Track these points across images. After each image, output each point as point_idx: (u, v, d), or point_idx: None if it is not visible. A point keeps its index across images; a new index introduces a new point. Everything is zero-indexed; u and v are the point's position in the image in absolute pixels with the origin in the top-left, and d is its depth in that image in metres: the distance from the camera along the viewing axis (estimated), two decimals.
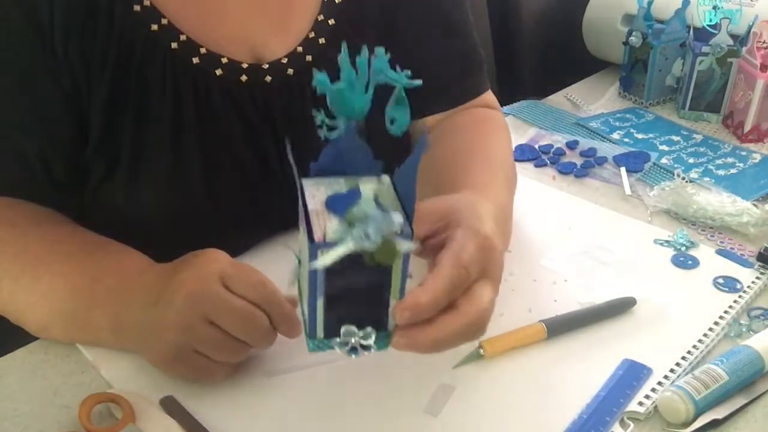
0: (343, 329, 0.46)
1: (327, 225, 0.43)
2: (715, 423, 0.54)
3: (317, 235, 0.43)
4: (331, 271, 0.44)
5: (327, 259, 0.43)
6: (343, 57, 0.44)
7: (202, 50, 0.65)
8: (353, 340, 0.47)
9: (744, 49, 1.01)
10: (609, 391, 0.57)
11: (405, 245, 0.43)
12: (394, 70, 0.45)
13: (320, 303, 0.45)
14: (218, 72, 0.66)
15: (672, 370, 0.59)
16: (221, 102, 0.66)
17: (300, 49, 0.70)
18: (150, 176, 0.65)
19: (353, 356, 0.47)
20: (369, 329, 0.47)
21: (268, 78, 0.68)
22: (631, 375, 0.58)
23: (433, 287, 0.46)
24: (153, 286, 0.55)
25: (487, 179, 0.65)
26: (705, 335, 0.63)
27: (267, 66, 0.68)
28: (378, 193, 0.45)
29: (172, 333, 0.53)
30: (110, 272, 0.59)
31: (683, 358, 0.60)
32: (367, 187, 0.46)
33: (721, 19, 1.01)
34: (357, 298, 0.46)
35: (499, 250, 0.52)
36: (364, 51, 0.44)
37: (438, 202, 0.56)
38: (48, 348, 0.62)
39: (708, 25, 1.02)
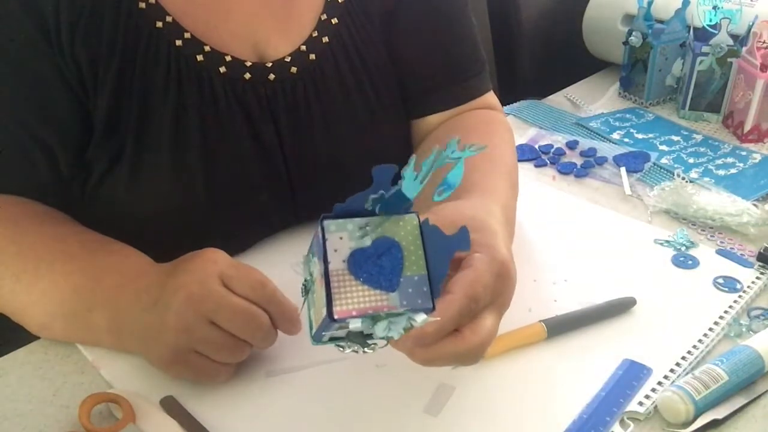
0: (348, 344, 0.46)
1: (349, 297, 0.42)
2: (715, 423, 0.54)
3: (337, 311, 0.41)
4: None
5: (340, 333, 0.44)
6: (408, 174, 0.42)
7: (206, 48, 0.65)
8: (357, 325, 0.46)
9: (744, 49, 1.01)
10: (609, 391, 0.57)
11: (421, 319, 0.43)
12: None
13: (328, 335, 0.46)
14: (222, 70, 0.66)
15: (672, 370, 0.59)
16: (224, 99, 0.66)
17: (303, 47, 0.70)
18: (151, 171, 0.65)
19: (356, 352, 0.47)
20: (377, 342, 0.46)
21: (272, 76, 0.68)
22: (631, 375, 0.58)
23: (440, 317, 0.46)
24: (152, 287, 0.55)
25: (496, 185, 0.65)
26: (705, 335, 0.63)
27: (270, 64, 0.68)
28: (402, 242, 0.44)
29: (172, 335, 0.53)
30: (110, 272, 0.59)
31: (683, 358, 0.60)
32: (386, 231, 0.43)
33: (721, 19, 1.01)
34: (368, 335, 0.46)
35: (514, 276, 0.52)
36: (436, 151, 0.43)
37: (457, 212, 0.54)
38: (48, 348, 0.62)
39: (708, 25, 1.02)
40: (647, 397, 0.57)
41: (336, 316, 0.41)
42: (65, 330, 0.60)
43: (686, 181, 0.89)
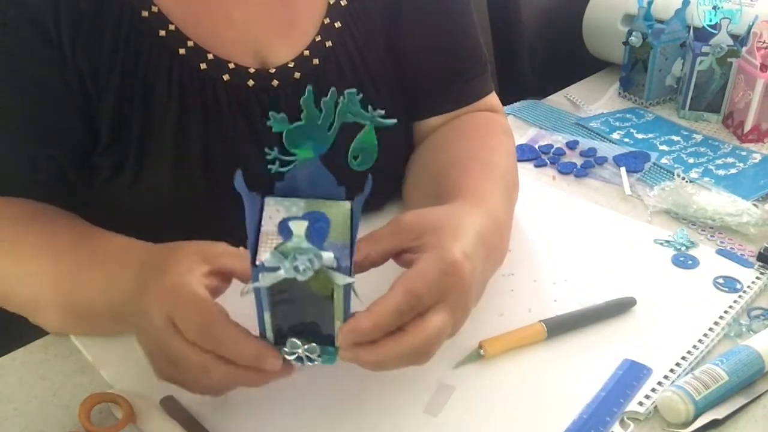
0: (288, 342, 0.48)
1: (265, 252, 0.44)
2: (715, 423, 0.54)
3: (259, 258, 0.44)
4: (273, 290, 0.45)
5: (265, 281, 0.44)
6: (306, 99, 0.45)
7: (209, 56, 0.65)
8: (300, 351, 0.48)
9: (744, 49, 1.01)
10: (609, 391, 0.57)
11: (341, 279, 0.44)
12: (366, 109, 0.46)
13: (267, 316, 0.47)
14: (225, 77, 0.66)
15: (672, 370, 0.59)
16: (228, 106, 0.66)
17: (307, 52, 0.69)
18: (154, 178, 0.65)
19: (300, 364, 0.49)
20: (314, 345, 0.48)
21: (275, 82, 0.68)
22: (631, 375, 0.58)
23: (377, 313, 0.47)
24: (131, 285, 0.53)
25: (485, 189, 0.65)
26: (705, 335, 0.63)
27: (274, 70, 0.68)
28: (333, 219, 0.46)
29: (149, 355, 0.51)
30: (96, 264, 0.58)
31: (683, 358, 0.61)
32: (299, 216, 0.46)
33: (721, 19, 1.01)
34: (300, 317, 0.47)
35: (468, 275, 0.51)
36: (332, 92, 0.45)
37: (418, 217, 0.55)
38: (48, 348, 0.62)
39: (708, 25, 1.02)
40: (647, 397, 0.57)
41: (257, 262, 0.44)
42: (79, 327, 0.61)
43: (686, 181, 0.89)
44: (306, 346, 0.48)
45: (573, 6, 1.27)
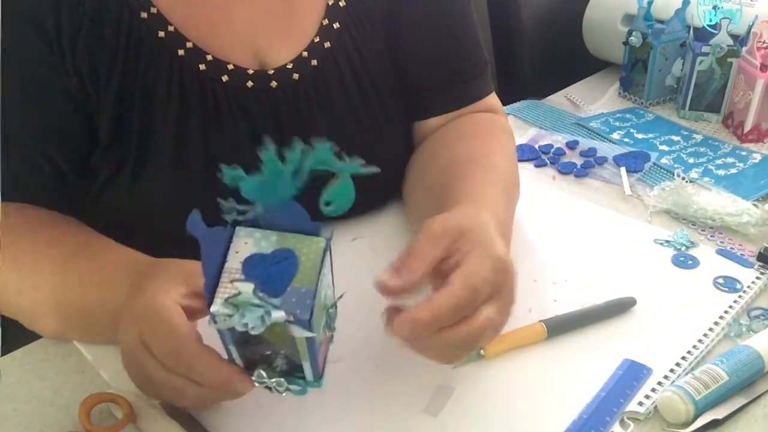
0: (256, 373, 0.48)
1: (223, 294, 0.44)
2: (715, 423, 0.54)
3: (215, 302, 0.43)
4: (234, 330, 0.44)
5: (221, 326, 0.44)
6: (268, 155, 0.43)
7: (209, 57, 0.65)
8: (267, 382, 0.48)
9: (744, 49, 1.01)
10: (609, 391, 0.57)
11: (298, 332, 0.44)
12: (341, 158, 0.44)
13: (233, 349, 0.47)
14: (224, 78, 0.66)
15: (672, 370, 0.59)
16: (227, 108, 0.66)
17: (305, 54, 0.69)
18: (154, 179, 0.65)
19: (269, 392, 0.49)
20: (281, 380, 0.48)
21: (274, 83, 0.68)
22: (631, 375, 0.58)
23: (437, 306, 0.47)
24: (115, 321, 0.53)
25: (485, 191, 0.65)
26: (705, 335, 0.63)
27: (272, 71, 0.68)
28: (303, 257, 0.45)
29: (127, 369, 0.51)
30: (92, 279, 0.58)
31: (683, 358, 0.60)
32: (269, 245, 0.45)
33: (721, 19, 1.01)
34: (269, 348, 0.47)
35: (513, 271, 0.52)
36: (297, 146, 0.43)
37: (445, 222, 0.54)
38: (48, 348, 0.62)
39: (708, 25, 1.02)
40: (647, 397, 0.57)
41: (211, 308, 0.43)
42: (76, 334, 0.61)
43: (686, 181, 0.89)
44: (273, 380, 0.48)
45: (573, 6, 1.27)
